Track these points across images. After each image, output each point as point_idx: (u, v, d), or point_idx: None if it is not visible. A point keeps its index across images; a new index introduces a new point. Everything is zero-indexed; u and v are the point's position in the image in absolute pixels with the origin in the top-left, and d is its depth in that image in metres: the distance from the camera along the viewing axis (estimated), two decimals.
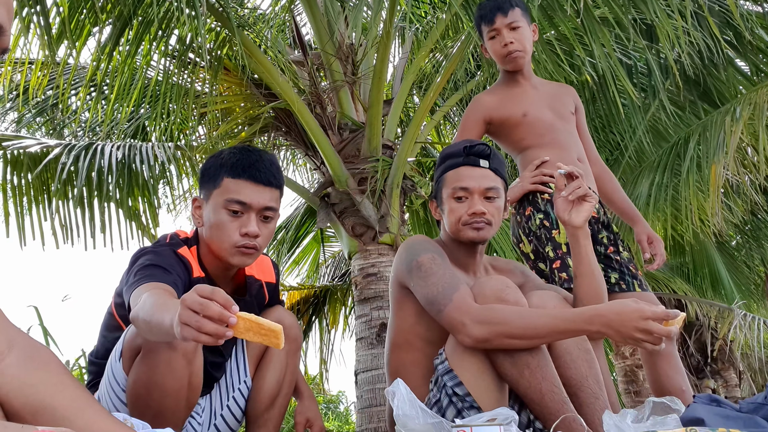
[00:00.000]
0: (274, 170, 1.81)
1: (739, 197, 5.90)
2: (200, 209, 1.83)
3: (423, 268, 1.83)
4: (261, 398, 1.90)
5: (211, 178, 1.80)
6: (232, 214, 1.75)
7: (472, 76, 5.19)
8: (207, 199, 1.80)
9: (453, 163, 2.02)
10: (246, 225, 1.74)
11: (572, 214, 1.93)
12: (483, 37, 2.55)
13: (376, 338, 4.04)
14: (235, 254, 1.76)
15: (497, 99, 2.53)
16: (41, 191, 4.60)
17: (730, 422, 1.44)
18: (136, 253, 1.79)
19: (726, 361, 7.70)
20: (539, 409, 1.67)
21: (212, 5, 3.97)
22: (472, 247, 1.99)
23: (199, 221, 1.83)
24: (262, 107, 4.77)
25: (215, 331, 1.16)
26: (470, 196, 1.95)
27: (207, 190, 1.81)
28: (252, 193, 1.75)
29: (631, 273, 2.39)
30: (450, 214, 1.96)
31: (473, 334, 1.67)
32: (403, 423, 1.49)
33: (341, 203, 4.29)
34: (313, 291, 6.49)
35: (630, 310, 1.59)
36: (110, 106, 4.59)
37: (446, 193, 1.99)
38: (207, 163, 1.85)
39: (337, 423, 10.91)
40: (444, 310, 1.74)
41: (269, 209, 1.78)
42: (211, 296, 1.18)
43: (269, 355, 1.93)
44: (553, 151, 2.43)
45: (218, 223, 1.76)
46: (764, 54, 5.14)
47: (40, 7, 3.60)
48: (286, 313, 1.97)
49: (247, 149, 1.83)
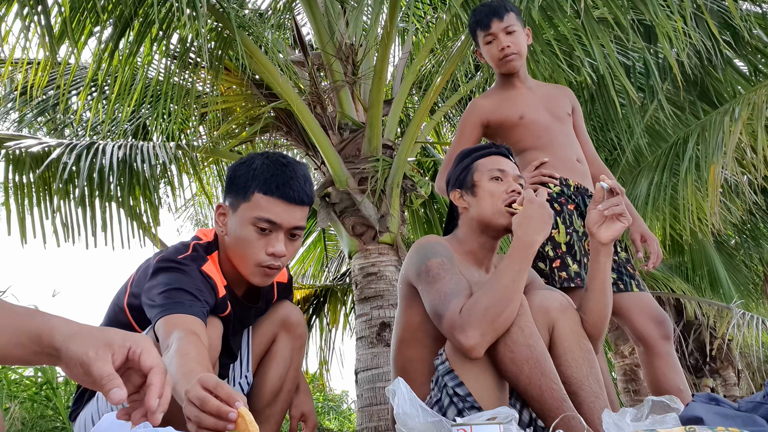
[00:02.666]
0: (308, 188, 1.73)
1: (737, 197, 5.91)
2: (225, 217, 1.76)
3: (431, 273, 1.83)
4: (264, 393, 1.90)
5: (241, 189, 1.71)
6: (260, 231, 1.68)
7: (471, 76, 5.20)
8: (234, 210, 1.72)
9: (484, 153, 2.07)
10: (273, 245, 1.69)
11: (602, 229, 1.88)
12: (478, 42, 2.57)
13: (376, 337, 4.05)
14: (257, 273, 1.71)
15: (494, 102, 2.55)
16: (43, 190, 4.61)
17: (729, 421, 1.45)
18: (160, 261, 1.71)
19: (724, 360, 7.70)
20: (539, 407, 1.68)
21: (213, 6, 3.98)
22: (496, 239, 2.01)
23: (222, 230, 1.76)
24: (263, 107, 4.78)
25: (214, 425, 1.13)
26: (506, 178, 1.99)
27: (235, 200, 1.73)
28: (283, 212, 1.68)
29: (628, 273, 2.40)
30: (489, 195, 1.97)
31: (468, 344, 1.66)
32: (404, 422, 1.49)
33: (341, 203, 4.30)
34: (314, 290, 6.50)
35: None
36: (111, 106, 4.60)
37: (481, 177, 2.01)
38: (236, 170, 1.75)
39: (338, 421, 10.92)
40: (442, 320, 1.74)
41: (298, 228, 1.73)
42: (215, 390, 1.15)
43: (273, 350, 1.93)
44: (551, 152, 2.44)
45: (245, 239, 1.69)
46: (763, 54, 5.16)
47: (41, 7, 3.61)
48: (293, 308, 1.97)
49: (281, 162, 1.73)
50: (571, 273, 2.27)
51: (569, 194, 2.40)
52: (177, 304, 1.56)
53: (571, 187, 2.40)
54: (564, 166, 2.43)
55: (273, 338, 1.94)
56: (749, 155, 4.78)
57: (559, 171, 2.40)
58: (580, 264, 2.29)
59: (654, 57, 4.97)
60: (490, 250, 2.02)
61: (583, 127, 2.68)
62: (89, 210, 4.60)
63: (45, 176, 4.58)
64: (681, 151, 5.08)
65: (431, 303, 1.79)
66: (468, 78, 5.14)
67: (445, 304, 1.75)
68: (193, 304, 1.58)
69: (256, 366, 1.95)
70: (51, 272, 62.69)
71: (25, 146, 4.58)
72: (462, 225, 2.05)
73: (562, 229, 2.31)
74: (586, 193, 2.44)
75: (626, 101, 4.97)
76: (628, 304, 2.34)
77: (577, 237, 2.34)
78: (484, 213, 1.97)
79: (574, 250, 2.30)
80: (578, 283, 2.25)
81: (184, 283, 1.63)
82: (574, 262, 2.28)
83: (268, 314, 1.97)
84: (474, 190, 2.01)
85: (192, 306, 1.57)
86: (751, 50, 5.12)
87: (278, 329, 1.93)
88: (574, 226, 2.35)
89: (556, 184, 2.38)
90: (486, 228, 1.98)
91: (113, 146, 4.65)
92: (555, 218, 2.33)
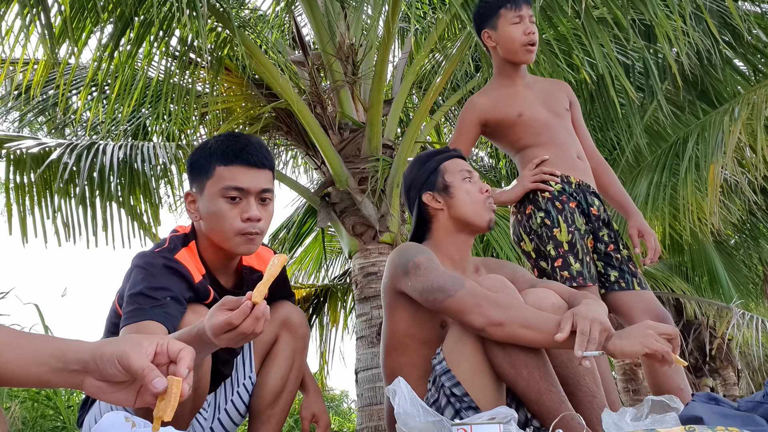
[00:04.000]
0: (265, 152, 1.77)
1: (737, 197, 5.91)
2: (195, 203, 1.78)
3: (422, 266, 1.84)
4: (264, 394, 1.90)
5: (202, 170, 1.75)
6: (231, 201, 1.71)
7: (471, 76, 5.20)
8: (201, 192, 1.75)
9: (446, 156, 2.17)
10: (247, 210, 1.71)
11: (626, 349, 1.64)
12: (495, 22, 2.46)
13: (376, 337, 4.06)
14: (240, 243, 1.72)
15: (491, 100, 2.50)
16: (44, 190, 4.62)
17: (729, 420, 1.45)
18: (135, 258, 1.75)
19: (724, 360, 7.72)
20: (537, 408, 1.68)
21: (213, 6, 3.98)
22: (471, 237, 2.08)
23: (195, 215, 1.78)
24: (263, 107, 4.78)
25: (252, 327, 1.27)
26: (474, 178, 2.10)
27: (199, 182, 1.76)
28: (247, 177, 1.71)
29: (630, 271, 2.40)
30: (466, 194, 2.05)
31: (489, 315, 1.67)
32: (404, 421, 1.50)
33: (342, 203, 4.31)
34: (314, 289, 6.50)
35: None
36: (111, 105, 4.61)
37: (452, 178, 2.09)
38: (194, 156, 1.79)
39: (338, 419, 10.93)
40: (455, 294, 1.73)
41: (266, 191, 1.75)
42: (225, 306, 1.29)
43: (275, 351, 1.92)
44: (551, 149, 2.42)
45: (217, 213, 1.71)
46: (762, 54, 5.16)
47: (42, 7, 3.61)
48: (294, 309, 1.96)
49: (234, 135, 1.79)
50: (573, 272, 2.27)
51: (570, 192, 2.39)
52: (138, 310, 1.59)
53: (572, 184, 2.39)
54: (565, 163, 2.41)
55: (275, 339, 1.93)
56: (749, 155, 4.79)
57: (559, 168, 2.39)
58: (582, 263, 2.29)
59: (653, 57, 4.97)
60: (466, 250, 2.06)
61: (582, 122, 2.64)
62: (90, 210, 4.61)
63: (45, 176, 4.59)
64: (680, 150, 5.09)
65: (431, 286, 1.78)
66: (468, 78, 5.14)
67: (455, 283, 1.75)
68: (153, 307, 1.60)
69: (259, 367, 1.94)
70: (53, 272, 62.62)
71: (25, 146, 4.58)
72: (436, 228, 2.08)
73: (564, 228, 2.31)
74: (588, 189, 2.43)
75: (626, 101, 4.97)
76: (629, 303, 2.34)
77: (579, 235, 2.33)
78: (463, 212, 2.02)
79: (576, 249, 2.30)
80: (580, 282, 2.25)
81: (151, 281, 1.65)
82: (576, 261, 2.28)
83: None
84: (449, 191, 2.05)
85: (152, 310, 1.60)
86: (751, 50, 5.12)
87: (279, 329, 1.92)
88: (576, 224, 2.34)
89: (557, 182, 2.37)
90: (465, 226, 2.04)
91: (114, 146, 4.65)
92: (557, 217, 2.33)
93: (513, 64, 2.51)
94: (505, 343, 1.69)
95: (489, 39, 2.50)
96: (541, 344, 1.67)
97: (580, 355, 1.54)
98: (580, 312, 1.62)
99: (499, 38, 2.47)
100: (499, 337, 1.68)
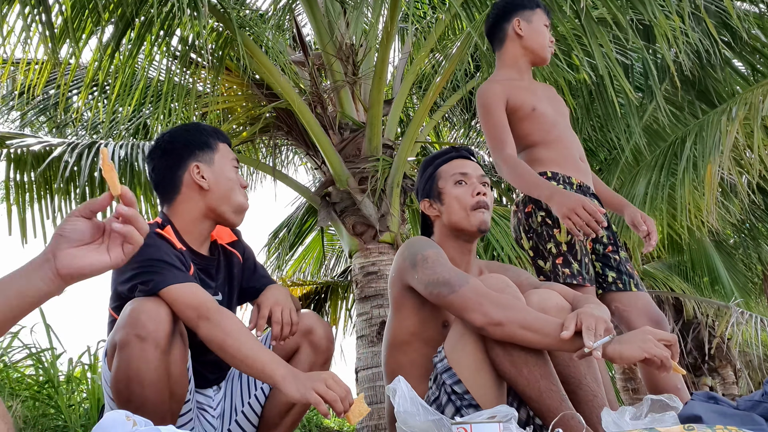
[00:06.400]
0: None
1: (736, 197, 5.92)
2: (200, 171, 1.88)
3: (430, 260, 1.85)
4: (276, 404, 1.88)
5: (205, 146, 1.90)
6: (235, 172, 1.93)
7: (471, 76, 5.21)
8: (209, 164, 1.89)
9: (445, 159, 2.11)
10: (242, 182, 1.94)
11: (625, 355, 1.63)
12: (532, 17, 2.49)
13: (376, 336, 4.07)
14: (240, 212, 1.89)
15: (507, 87, 2.44)
16: (44, 189, 4.62)
17: (728, 419, 1.46)
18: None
19: (723, 359, 7.72)
20: (538, 407, 1.68)
21: (214, 6, 3.99)
22: (470, 242, 2.05)
23: (206, 181, 1.87)
24: (264, 107, 4.80)
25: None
26: (469, 180, 2.04)
27: (204, 155, 1.89)
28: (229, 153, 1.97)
29: (628, 272, 2.40)
30: (456, 201, 2.01)
31: (490, 314, 1.68)
32: (404, 420, 1.50)
33: (342, 202, 4.32)
34: (314, 287, 6.51)
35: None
36: (111, 105, 4.61)
37: (445, 183, 2.05)
38: (177, 135, 1.95)
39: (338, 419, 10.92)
40: (459, 290, 1.74)
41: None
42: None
43: (293, 362, 1.86)
44: (558, 148, 2.42)
45: (230, 180, 1.89)
46: (761, 54, 5.17)
47: (43, 7, 3.62)
48: (319, 322, 1.92)
49: (190, 127, 2.00)
50: (573, 270, 2.27)
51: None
52: (167, 273, 1.66)
53: (573, 185, 2.40)
54: (569, 163, 2.42)
55: (296, 348, 1.91)
56: (749, 155, 4.80)
57: (564, 168, 2.39)
58: (581, 263, 2.29)
59: (653, 57, 4.99)
60: (467, 254, 2.06)
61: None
62: None
63: (46, 175, 4.59)
64: (679, 150, 5.09)
65: (438, 278, 1.80)
66: (468, 78, 5.15)
67: (460, 278, 1.77)
68: (180, 273, 1.69)
69: None
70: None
71: (26, 145, 4.59)
72: (436, 233, 2.10)
73: (564, 229, 2.32)
74: (588, 191, 2.44)
75: (625, 101, 4.98)
76: (626, 304, 2.35)
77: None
78: (453, 219, 2.02)
79: (575, 249, 2.31)
80: (579, 281, 2.26)
81: (155, 254, 1.69)
82: (575, 261, 2.29)
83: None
84: (441, 198, 2.05)
85: (180, 273, 1.68)
86: (750, 50, 5.13)
87: (301, 339, 1.90)
88: None
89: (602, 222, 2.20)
90: (458, 233, 2.04)
91: (114, 146, 4.66)
92: (556, 217, 2.34)
93: (531, 58, 2.52)
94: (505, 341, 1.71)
95: (518, 27, 2.49)
96: (540, 345, 1.68)
97: (590, 345, 1.56)
98: (585, 311, 1.65)
99: (530, 31, 2.49)
100: (498, 337, 1.70)
